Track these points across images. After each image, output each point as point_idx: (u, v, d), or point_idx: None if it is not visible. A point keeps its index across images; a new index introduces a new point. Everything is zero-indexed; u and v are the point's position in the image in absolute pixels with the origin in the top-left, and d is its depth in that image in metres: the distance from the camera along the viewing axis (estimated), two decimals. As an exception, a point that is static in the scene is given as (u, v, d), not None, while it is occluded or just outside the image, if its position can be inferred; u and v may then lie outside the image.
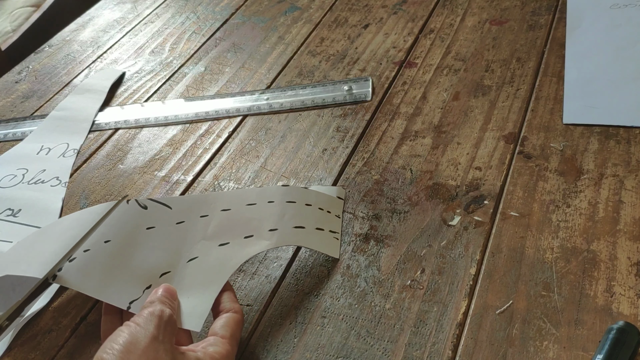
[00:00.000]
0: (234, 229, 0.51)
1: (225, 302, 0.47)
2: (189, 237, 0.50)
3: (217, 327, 0.44)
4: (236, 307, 0.46)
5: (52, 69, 0.90)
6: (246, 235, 0.51)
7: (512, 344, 0.44)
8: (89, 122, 0.77)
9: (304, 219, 0.53)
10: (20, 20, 1.38)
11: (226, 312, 0.46)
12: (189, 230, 0.50)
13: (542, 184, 0.56)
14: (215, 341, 0.43)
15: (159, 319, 0.40)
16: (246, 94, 0.76)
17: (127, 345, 0.38)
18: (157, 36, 0.92)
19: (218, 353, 0.42)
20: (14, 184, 0.69)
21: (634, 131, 0.59)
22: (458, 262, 0.51)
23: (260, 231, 0.51)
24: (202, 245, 0.50)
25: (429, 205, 0.56)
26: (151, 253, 0.49)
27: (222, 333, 0.44)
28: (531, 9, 0.80)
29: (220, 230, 0.51)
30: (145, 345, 0.38)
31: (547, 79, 0.68)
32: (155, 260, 0.48)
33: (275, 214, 0.52)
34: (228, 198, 0.53)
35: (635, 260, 0.48)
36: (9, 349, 0.51)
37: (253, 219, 0.52)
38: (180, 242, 0.50)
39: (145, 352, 0.38)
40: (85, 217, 0.49)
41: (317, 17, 0.88)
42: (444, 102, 0.68)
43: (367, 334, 0.47)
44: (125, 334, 0.39)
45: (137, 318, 0.41)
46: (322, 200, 0.56)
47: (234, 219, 0.52)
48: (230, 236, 0.51)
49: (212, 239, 0.50)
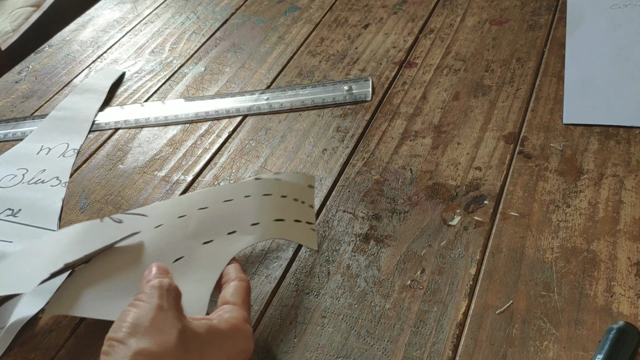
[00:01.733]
0: (215, 226, 0.50)
1: (231, 272, 0.47)
2: (171, 238, 0.49)
3: (227, 296, 0.44)
4: (242, 276, 0.46)
5: (52, 69, 0.90)
6: (229, 231, 0.50)
7: (512, 344, 0.44)
8: (89, 122, 0.77)
9: (283, 211, 0.53)
10: (20, 20, 1.38)
11: (230, 280, 0.46)
12: (169, 232, 0.50)
13: (542, 184, 0.56)
14: (229, 308, 0.43)
15: (160, 290, 0.41)
16: (246, 94, 0.76)
17: (135, 321, 0.38)
18: (157, 36, 0.92)
19: (234, 318, 0.42)
20: (14, 184, 0.69)
21: (634, 131, 0.59)
22: (458, 262, 0.51)
23: (243, 226, 0.51)
24: (185, 244, 0.49)
25: (429, 205, 0.56)
26: (135, 262, 0.48)
27: (233, 300, 0.44)
28: (531, 9, 0.80)
29: (201, 228, 0.50)
30: (152, 316, 0.38)
31: (547, 79, 0.68)
32: (140, 267, 0.47)
33: (254, 207, 0.52)
34: (203, 197, 0.52)
35: (635, 260, 0.48)
36: (9, 349, 0.51)
37: (233, 214, 0.51)
38: (162, 244, 0.49)
39: (153, 322, 0.38)
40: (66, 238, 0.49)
41: (317, 17, 0.88)
42: (444, 102, 0.68)
43: (367, 334, 0.47)
44: (132, 311, 0.39)
45: (139, 295, 0.41)
46: (296, 191, 0.55)
47: (213, 216, 0.51)
48: (213, 233, 0.50)
49: (194, 238, 0.50)
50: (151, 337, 0.37)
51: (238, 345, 0.41)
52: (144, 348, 0.37)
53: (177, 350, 0.37)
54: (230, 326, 0.41)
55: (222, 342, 0.40)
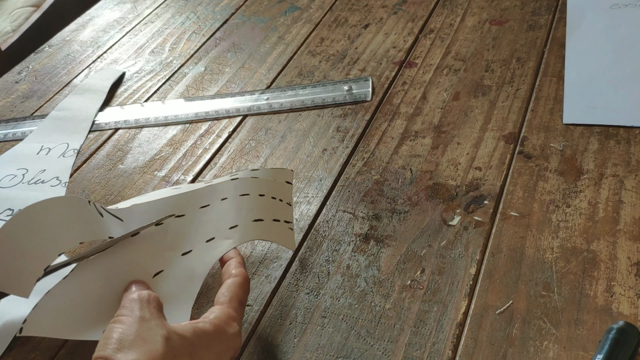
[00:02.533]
0: (193, 235, 0.49)
1: (230, 268, 0.47)
2: (148, 251, 0.48)
3: (219, 295, 0.44)
4: (238, 272, 0.46)
5: (52, 69, 0.90)
6: (208, 238, 0.49)
7: (512, 344, 0.44)
8: (89, 122, 0.77)
9: (261, 211, 0.51)
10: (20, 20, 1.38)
11: (227, 278, 0.46)
12: (146, 243, 0.48)
13: (542, 184, 0.56)
14: (215, 309, 0.43)
15: (140, 302, 0.41)
16: (246, 94, 0.76)
17: (120, 335, 0.38)
18: (157, 36, 0.92)
19: (217, 318, 0.42)
20: (14, 184, 0.69)
21: (634, 131, 0.59)
22: (458, 262, 0.51)
23: (221, 231, 0.49)
24: (164, 257, 0.48)
25: (429, 205, 0.56)
26: (113, 279, 0.46)
27: (222, 300, 0.44)
28: (531, 9, 0.80)
29: (179, 238, 0.49)
30: (136, 328, 0.39)
31: (547, 79, 0.68)
32: (119, 284, 0.46)
33: (231, 210, 0.50)
34: (179, 202, 0.50)
35: (635, 260, 0.48)
36: (9, 349, 0.51)
37: (210, 220, 0.50)
38: (140, 258, 0.47)
39: (138, 334, 0.38)
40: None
41: (317, 17, 0.88)
42: (444, 102, 0.68)
43: (367, 334, 0.47)
44: (116, 327, 0.39)
45: (120, 310, 0.41)
46: (274, 189, 0.54)
47: (191, 225, 0.49)
48: (191, 243, 0.48)
49: (173, 249, 0.48)
50: (138, 349, 0.37)
51: (224, 344, 0.42)
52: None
53: (165, 357, 0.38)
54: (214, 327, 0.41)
55: (208, 342, 0.41)
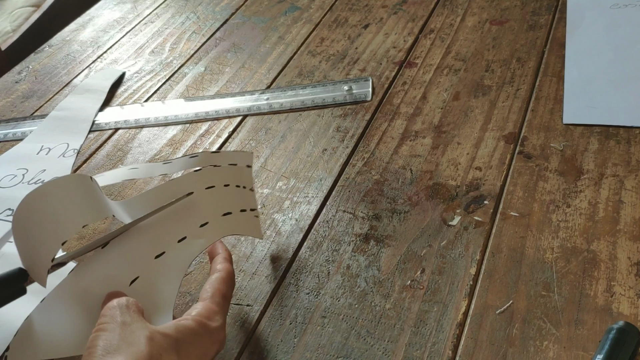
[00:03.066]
0: (164, 235, 0.47)
1: (216, 264, 0.47)
2: (120, 259, 0.46)
3: (202, 292, 0.45)
4: (222, 267, 0.46)
5: (52, 69, 0.90)
6: (179, 238, 0.47)
7: (512, 344, 0.44)
8: (89, 122, 0.77)
9: (228, 203, 0.50)
10: (20, 20, 1.38)
11: (212, 273, 0.46)
12: (117, 252, 0.46)
13: (542, 184, 0.56)
14: (197, 305, 0.43)
15: (119, 308, 0.41)
16: (246, 94, 0.76)
17: (104, 342, 0.39)
18: (157, 36, 0.92)
19: (199, 314, 0.42)
20: (14, 184, 0.69)
21: (634, 131, 0.59)
22: (458, 262, 0.51)
23: (192, 229, 0.48)
24: (137, 264, 0.46)
25: (429, 205, 0.56)
26: (89, 292, 0.45)
27: (204, 295, 0.44)
28: (531, 9, 0.80)
29: (149, 241, 0.47)
30: (119, 333, 0.39)
31: (547, 79, 0.68)
32: (95, 297, 0.45)
33: (200, 205, 0.48)
34: (142, 203, 0.48)
35: (635, 260, 0.48)
36: (9, 349, 0.51)
37: (180, 218, 0.48)
38: (113, 268, 0.46)
39: (122, 339, 0.39)
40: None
41: (317, 17, 0.88)
42: (444, 102, 0.68)
43: (367, 334, 0.47)
44: (99, 335, 0.40)
45: (101, 319, 0.42)
46: (237, 176, 0.52)
47: (160, 226, 0.48)
48: (162, 245, 0.47)
49: (145, 254, 0.47)
50: (123, 352, 0.38)
51: (208, 338, 0.42)
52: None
53: (151, 357, 0.38)
54: (197, 323, 0.42)
55: (192, 338, 0.41)
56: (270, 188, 0.62)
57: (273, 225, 0.58)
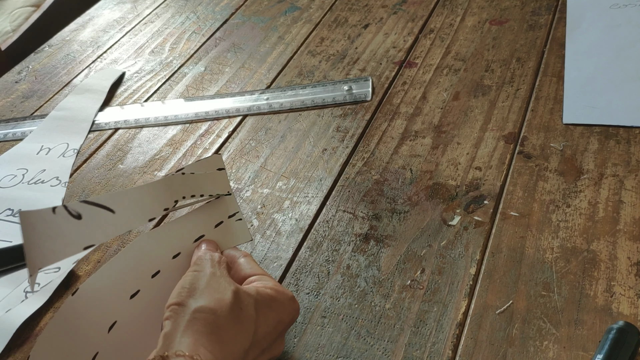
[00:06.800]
0: (160, 253, 0.46)
1: (229, 250, 0.49)
2: (99, 305, 0.44)
3: (243, 267, 0.47)
4: (243, 252, 0.49)
5: (52, 69, 0.90)
6: (173, 254, 0.47)
7: (512, 344, 0.44)
8: (89, 122, 0.77)
9: (217, 212, 0.48)
10: (20, 20, 1.38)
11: (238, 259, 0.48)
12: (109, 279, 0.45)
13: (542, 184, 0.56)
14: (263, 278, 0.45)
15: (211, 261, 0.44)
16: (246, 94, 0.76)
17: (192, 285, 0.42)
18: (157, 36, 0.92)
19: (274, 284, 0.45)
20: (14, 184, 0.69)
21: (634, 131, 0.59)
22: (458, 262, 0.51)
23: (187, 244, 0.47)
24: (136, 281, 0.45)
25: (429, 205, 0.56)
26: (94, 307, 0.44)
27: (257, 271, 0.46)
28: (531, 9, 0.80)
29: (144, 258, 0.46)
30: (207, 281, 0.42)
31: (547, 79, 0.68)
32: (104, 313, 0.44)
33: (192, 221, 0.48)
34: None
35: (635, 260, 0.48)
36: (9, 349, 0.51)
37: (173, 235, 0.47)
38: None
39: (208, 285, 0.42)
40: None
41: (317, 17, 0.88)
42: (444, 102, 0.68)
43: (367, 334, 0.47)
44: (188, 276, 0.43)
45: (193, 267, 0.44)
46: (211, 186, 0.49)
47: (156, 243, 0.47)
48: (157, 264, 0.46)
49: (142, 273, 0.45)
50: (208, 296, 0.41)
51: (284, 306, 0.44)
52: (203, 305, 0.40)
53: (233, 307, 0.41)
54: (274, 291, 0.44)
55: (270, 302, 0.43)
56: (270, 188, 0.62)
57: (273, 225, 0.58)
